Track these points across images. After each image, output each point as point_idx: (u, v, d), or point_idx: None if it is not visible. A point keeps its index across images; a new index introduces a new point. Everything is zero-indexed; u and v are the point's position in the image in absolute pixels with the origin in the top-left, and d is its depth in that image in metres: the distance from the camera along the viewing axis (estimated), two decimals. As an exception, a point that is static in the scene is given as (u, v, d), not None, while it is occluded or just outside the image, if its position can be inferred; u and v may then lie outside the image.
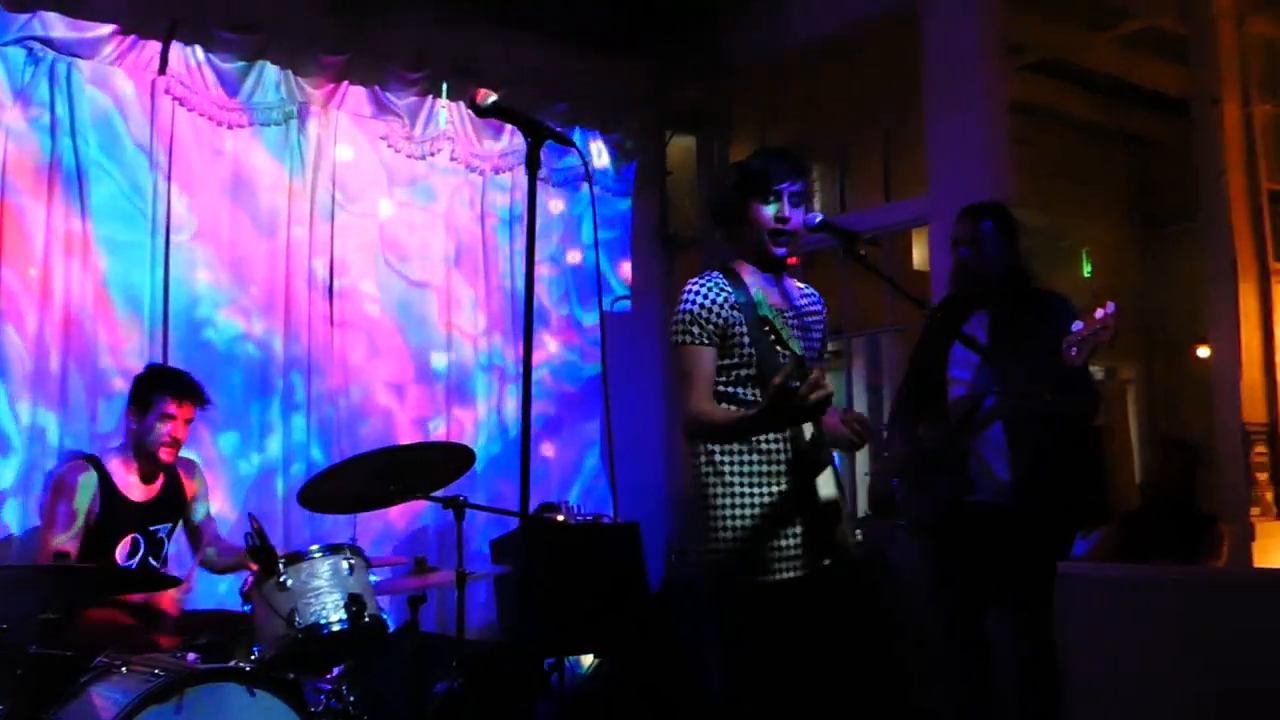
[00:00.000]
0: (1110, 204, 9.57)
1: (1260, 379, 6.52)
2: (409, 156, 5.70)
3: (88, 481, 4.15)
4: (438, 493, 3.87)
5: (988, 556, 3.71)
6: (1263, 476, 6.54)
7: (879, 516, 4.20)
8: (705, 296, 3.04)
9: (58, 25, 4.74)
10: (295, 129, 5.32)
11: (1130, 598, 4.38)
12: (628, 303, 6.36)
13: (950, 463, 3.71)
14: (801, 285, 3.30)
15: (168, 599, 4.29)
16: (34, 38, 4.68)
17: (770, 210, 3.06)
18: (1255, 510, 6.46)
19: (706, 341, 3.04)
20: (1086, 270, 9.83)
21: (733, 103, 6.66)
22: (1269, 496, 6.61)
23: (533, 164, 2.51)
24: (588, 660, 4.90)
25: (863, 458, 6.13)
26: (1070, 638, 4.03)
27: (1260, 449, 6.51)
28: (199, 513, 4.49)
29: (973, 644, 3.80)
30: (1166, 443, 5.71)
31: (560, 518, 5.18)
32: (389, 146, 5.65)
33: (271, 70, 5.26)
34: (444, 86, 5.73)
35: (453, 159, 5.82)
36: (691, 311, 3.03)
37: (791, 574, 3.01)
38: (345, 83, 5.48)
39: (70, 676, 3.42)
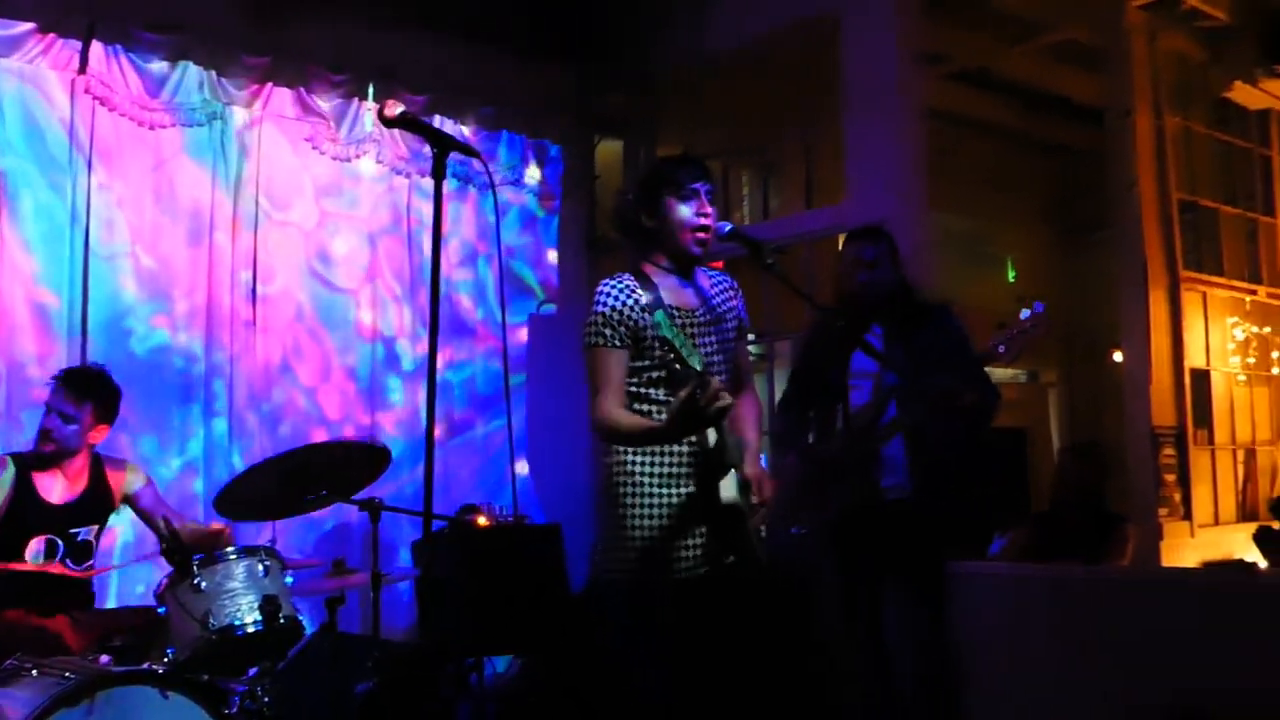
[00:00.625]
0: (1032, 211, 9.80)
1: (1170, 384, 6.74)
2: (334, 159, 5.72)
3: (3, 479, 4.14)
4: (356, 495, 3.91)
5: (889, 554, 3.84)
6: (1170, 478, 6.76)
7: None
8: (617, 299, 3.09)
9: (-26, 24, 4.72)
10: (220, 130, 5.32)
11: (1036, 597, 4.51)
12: (553, 306, 6.43)
13: (854, 469, 3.82)
14: (711, 274, 3.33)
15: (79, 600, 4.27)
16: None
17: (689, 208, 3.15)
18: (1163, 511, 6.67)
19: (619, 344, 3.10)
20: (1011, 275, 10.06)
21: (657, 108, 6.74)
22: (1176, 498, 6.83)
23: (438, 174, 2.56)
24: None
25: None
26: (976, 637, 4.16)
27: (1169, 451, 6.72)
28: (144, 501, 4.47)
29: (874, 644, 3.91)
30: (1075, 445, 5.87)
31: (482, 519, 5.23)
32: (314, 149, 5.66)
33: (194, 71, 5.26)
34: (369, 89, 5.74)
35: (378, 162, 5.85)
36: (604, 314, 3.09)
37: (696, 572, 3.11)
38: (269, 84, 5.48)
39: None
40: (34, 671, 3.42)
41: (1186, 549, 6.70)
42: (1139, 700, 4.15)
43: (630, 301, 3.10)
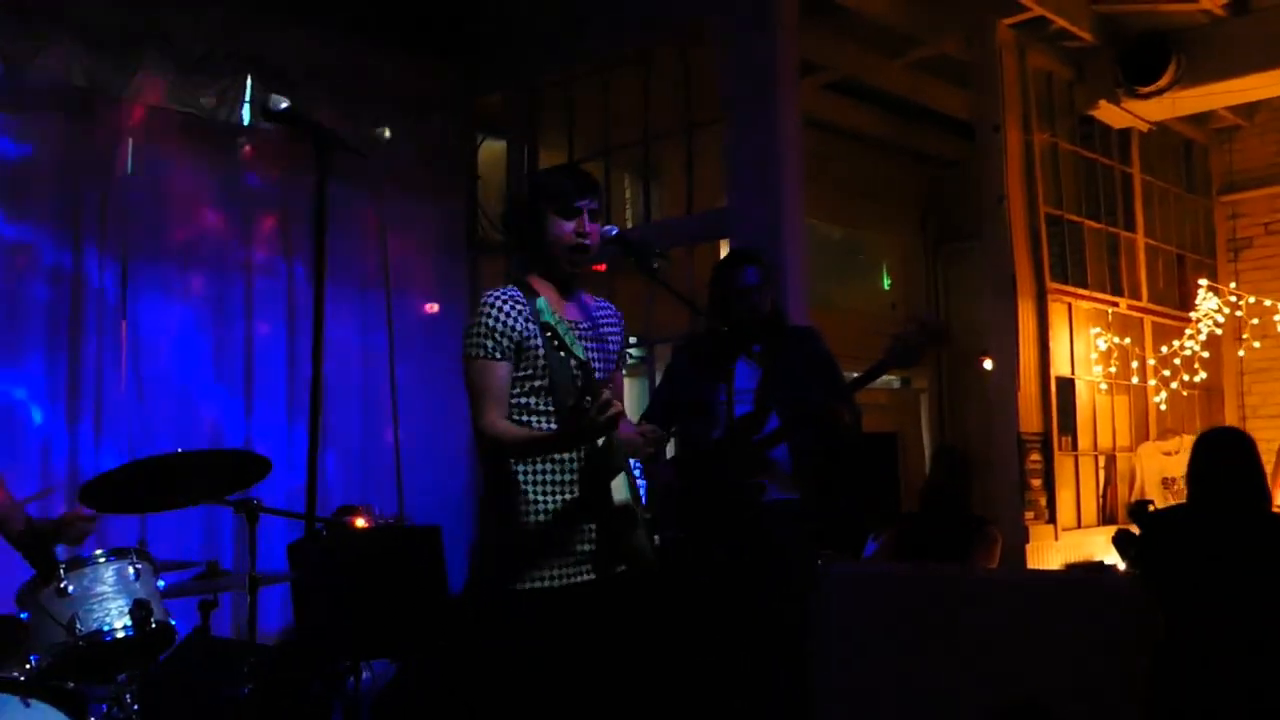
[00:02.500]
0: (904, 219, 10.10)
1: (1036, 391, 7.05)
2: (213, 149, 5.63)
3: None
4: (232, 496, 3.88)
5: (764, 556, 3.96)
6: (1037, 483, 7.07)
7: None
8: (500, 309, 3.10)
9: None
10: (89, 120, 5.20)
11: (897, 596, 4.68)
12: (434, 306, 6.43)
13: (737, 473, 3.95)
14: (597, 299, 3.39)
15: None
16: None
17: (569, 226, 3.17)
18: (1029, 514, 6.98)
19: (500, 355, 3.10)
20: (885, 283, 10.37)
21: (539, 110, 6.80)
22: (1042, 501, 7.14)
23: (322, 169, 2.57)
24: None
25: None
26: (834, 637, 4.29)
27: (1035, 457, 7.03)
28: None
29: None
30: (940, 449, 6.10)
31: (360, 521, 5.20)
32: (190, 139, 5.57)
33: (60, 55, 5.12)
34: (247, 82, 5.66)
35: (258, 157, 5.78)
36: (486, 325, 3.09)
37: (583, 577, 3.13)
38: (142, 71, 5.37)
39: None
40: (-115, 680, 3.33)
41: (1051, 551, 7.01)
42: (986, 697, 4.35)
43: (515, 312, 3.11)
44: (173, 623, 3.86)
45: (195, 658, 4.16)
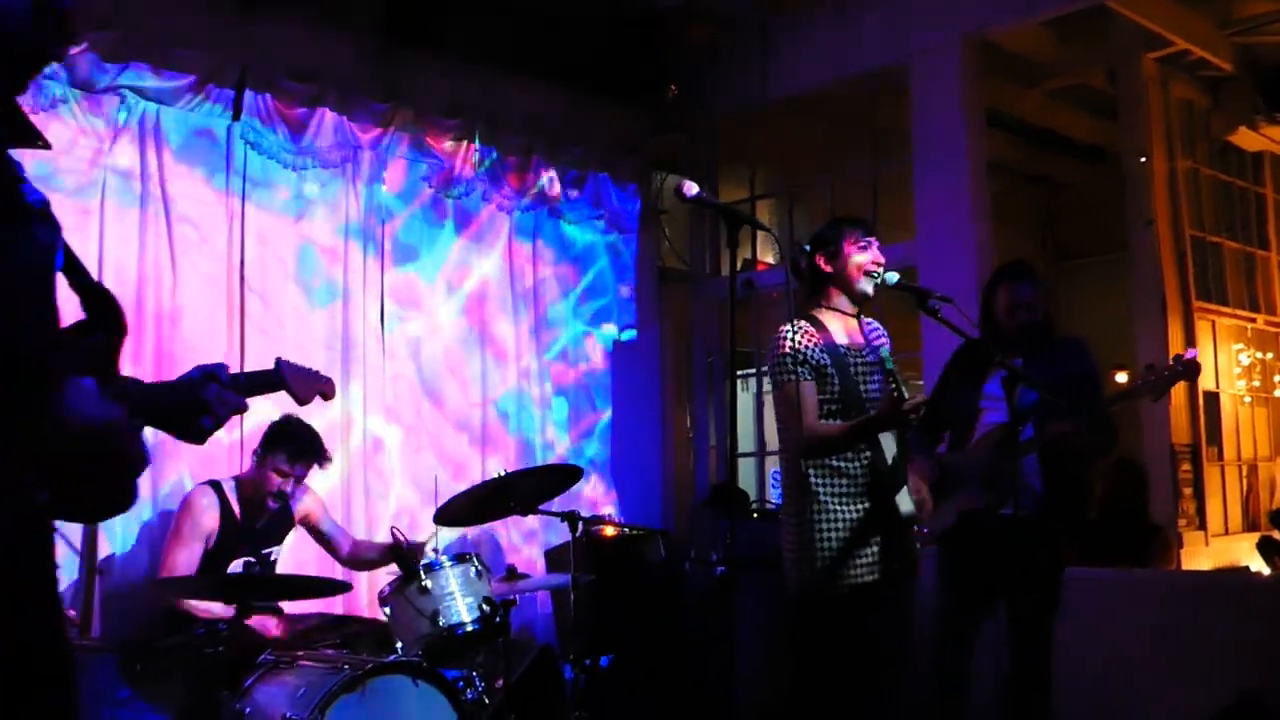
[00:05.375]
0: (1026, 239, 10.66)
1: (1185, 404, 7.61)
2: (447, 198, 6.34)
3: (210, 505, 4.70)
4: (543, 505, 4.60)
5: (1007, 567, 4.35)
6: (1188, 491, 7.63)
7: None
8: (799, 340, 3.80)
9: (147, 75, 5.25)
10: (351, 172, 5.92)
11: (1129, 598, 5.26)
12: (634, 331, 7.14)
13: (989, 479, 4.49)
14: (869, 321, 4.11)
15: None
16: (127, 87, 5.18)
17: (866, 255, 3.91)
18: (1182, 522, 7.54)
19: (808, 377, 3.82)
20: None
21: (716, 148, 7.50)
22: (1192, 509, 7.70)
23: (733, 245, 3.22)
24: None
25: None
26: (1074, 639, 4.79)
27: (1185, 467, 7.60)
28: (324, 525, 5.07)
29: (964, 655, 4.45)
30: (1119, 461, 6.67)
31: (609, 529, 5.89)
32: (430, 187, 6.28)
33: (330, 117, 5.84)
34: (476, 132, 6.37)
35: (485, 200, 6.48)
36: (791, 354, 3.78)
37: (869, 578, 3.80)
38: (391, 128, 6.08)
39: (235, 673, 3.99)
40: (293, 665, 4.02)
41: (1202, 556, 7.57)
42: (1213, 689, 4.90)
43: (811, 342, 3.82)
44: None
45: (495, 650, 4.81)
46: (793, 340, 3.79)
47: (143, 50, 5.21)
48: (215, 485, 4.78)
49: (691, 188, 3.26)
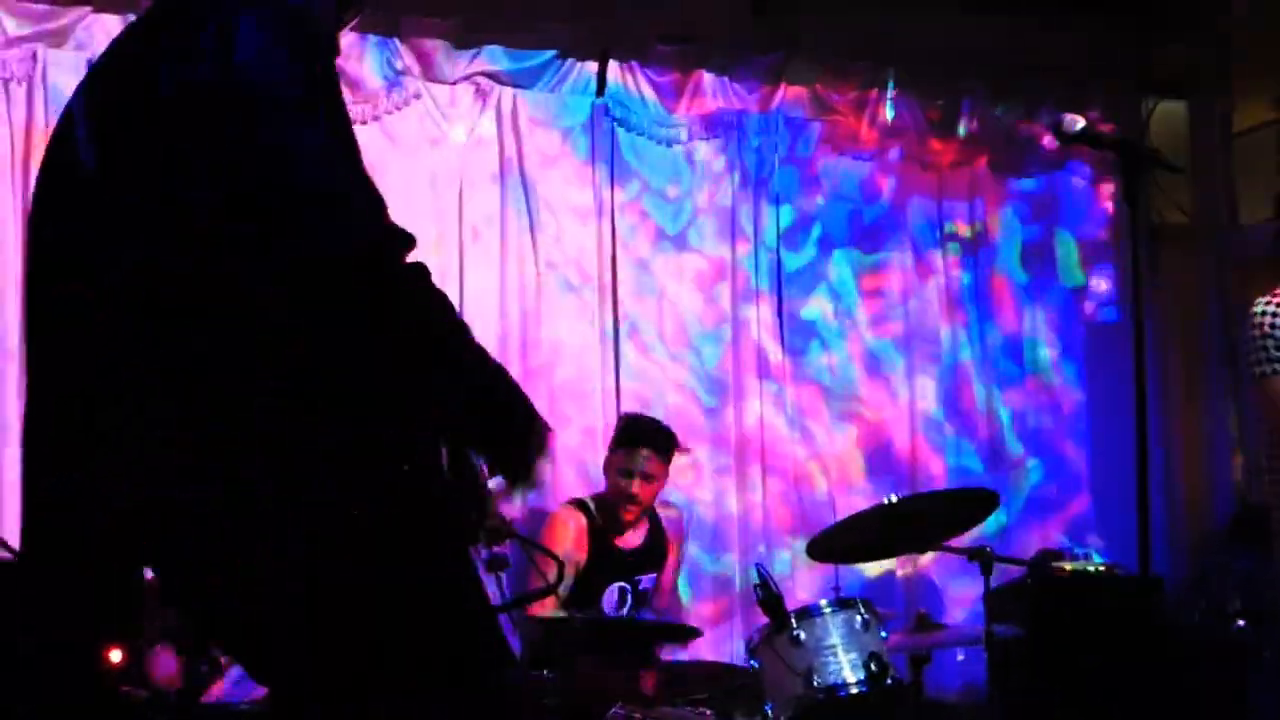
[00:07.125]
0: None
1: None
2: (854, 158, 5.46)
3: (575, 525, 4.15)
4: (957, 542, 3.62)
5: None
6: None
7: None
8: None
9: (501, 58, 4.91)
10: (737, 139, 5.22)
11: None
12: (1113, 310, 5.80)
13: None
14: None
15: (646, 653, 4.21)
16: (481, 73, 4.87)
17: None
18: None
19: None
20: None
21: (1229, 59, 5.91)
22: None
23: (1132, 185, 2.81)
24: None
25: None
26: None
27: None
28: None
29: None
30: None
31: (1068, 566, 4.71)
32: (833, 150, 5.43)
33: (709, 79, 5.20)
34: (889, 77, 5.42)
35: (902, 156, 5.52)
36: (1272, 337, 3.03)
37: None
38: (781, 84, 5.32)
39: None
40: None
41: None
42: None
43: None
44: (903, 679, 3.67)
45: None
46: (1271, 318, 3.04)
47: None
48: (579, 503, 4.33)
49: (1076, 121, 2.92)
